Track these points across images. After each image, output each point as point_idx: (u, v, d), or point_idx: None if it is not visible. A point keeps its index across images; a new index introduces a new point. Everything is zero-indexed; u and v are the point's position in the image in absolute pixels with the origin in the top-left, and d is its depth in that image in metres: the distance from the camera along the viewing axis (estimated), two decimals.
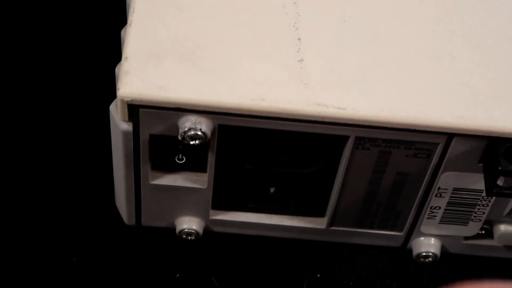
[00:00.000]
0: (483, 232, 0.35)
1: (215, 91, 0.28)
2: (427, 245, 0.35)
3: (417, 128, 0.29)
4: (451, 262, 0.37)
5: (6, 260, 0.35)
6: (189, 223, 0.34)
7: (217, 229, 0.35)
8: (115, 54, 0.32)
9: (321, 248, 0.36)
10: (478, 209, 0.33)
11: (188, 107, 0.28)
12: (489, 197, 0.32)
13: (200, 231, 0.35)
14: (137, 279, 0.35)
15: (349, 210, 0.34)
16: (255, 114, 0.28)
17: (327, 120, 0.28)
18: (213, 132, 0.29)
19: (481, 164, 0.30)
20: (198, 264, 0.36)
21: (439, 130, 0.29)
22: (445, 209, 0.33)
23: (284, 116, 0.28)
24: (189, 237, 0.35)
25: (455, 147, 0.30)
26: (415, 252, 0.36)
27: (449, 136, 0.29)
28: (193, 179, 0.32)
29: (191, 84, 0.28)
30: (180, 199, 0.33)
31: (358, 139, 0.30)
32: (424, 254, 0.35)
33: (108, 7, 0.43)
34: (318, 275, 0.36)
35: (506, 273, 0.37)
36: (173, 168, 0.32)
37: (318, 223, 0.35)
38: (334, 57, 0.30)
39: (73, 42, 0.43)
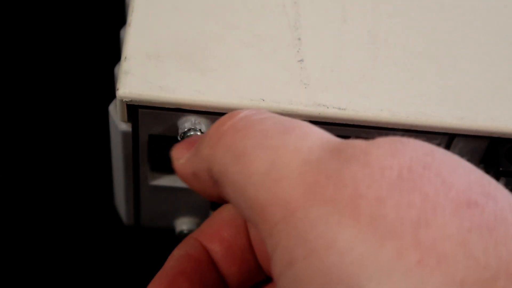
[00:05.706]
0: None
1: (215, 92, 0.28)
2: None
3: (417, 129, 0.29)
4: None
5: (5, 261, 0.35)
6: (188, 224, 0.34)
7: None
8: (114, 54, 0.32)
9: None
10: None
11: (187, 108, 0.28)
12: None
13: None
14: (136, 279, 0.35)
15: None
16: None
17: (327, 121, 0.28)
18: None
19: (482, 165, 0.30)
20: None
21: (440, 131, 0.29)
22: None
23: None
24: None
25: (456, 147, 0.30)
26: None
27: (450, 136, 0.29)
28: None
29: (190, 84, 0.28)
30: (180, 199, 0.33)
31: None
32: None
33: (107, 7, 0.43)
34: None
35: None
36: (173, 169, 0.32)
37: None
38: (334, 57, 0.29)
39: (72, 42, 0.43)
